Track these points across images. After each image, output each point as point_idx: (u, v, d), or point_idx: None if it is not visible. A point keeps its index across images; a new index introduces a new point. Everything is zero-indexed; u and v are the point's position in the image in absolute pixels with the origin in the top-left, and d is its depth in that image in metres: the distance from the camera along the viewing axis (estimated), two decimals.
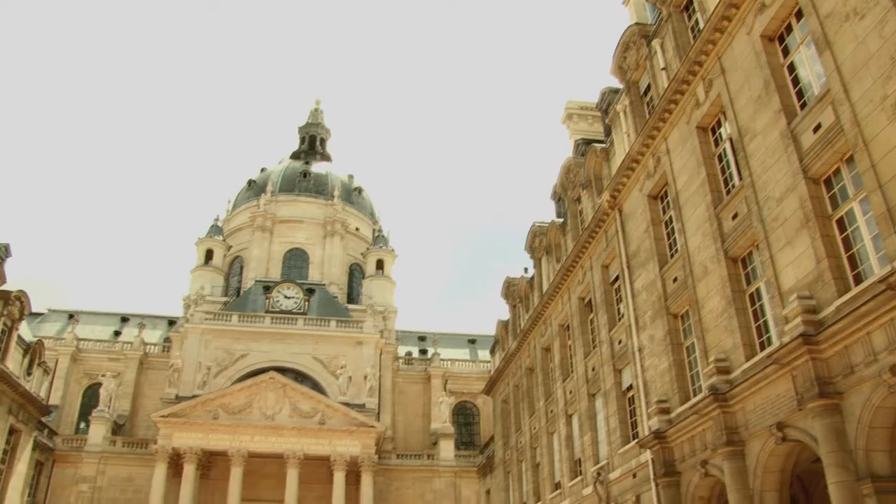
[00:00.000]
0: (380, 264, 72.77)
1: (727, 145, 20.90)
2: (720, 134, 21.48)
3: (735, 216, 19.85)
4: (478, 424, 67.15)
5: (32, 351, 41.02)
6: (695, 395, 21.55)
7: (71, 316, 68.58)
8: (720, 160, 21.43)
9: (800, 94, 17.60)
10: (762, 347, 18.45)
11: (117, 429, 58.20)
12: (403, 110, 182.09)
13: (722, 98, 20.51)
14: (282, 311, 63.02)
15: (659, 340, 23.93)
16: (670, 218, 24.29)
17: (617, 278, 28.84)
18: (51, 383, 50.78)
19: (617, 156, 28.75)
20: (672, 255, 23.96)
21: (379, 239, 75.45)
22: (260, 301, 64.24)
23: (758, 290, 19.17)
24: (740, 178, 19.75)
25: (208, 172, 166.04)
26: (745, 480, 18.00)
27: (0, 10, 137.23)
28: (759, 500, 17.57)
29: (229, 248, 73.95)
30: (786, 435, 16.57)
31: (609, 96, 31.80)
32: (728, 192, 20.66)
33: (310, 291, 65.81)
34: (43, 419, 45.22)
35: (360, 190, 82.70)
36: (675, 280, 23.29)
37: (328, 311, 64.62)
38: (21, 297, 38.13)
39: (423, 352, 71.48)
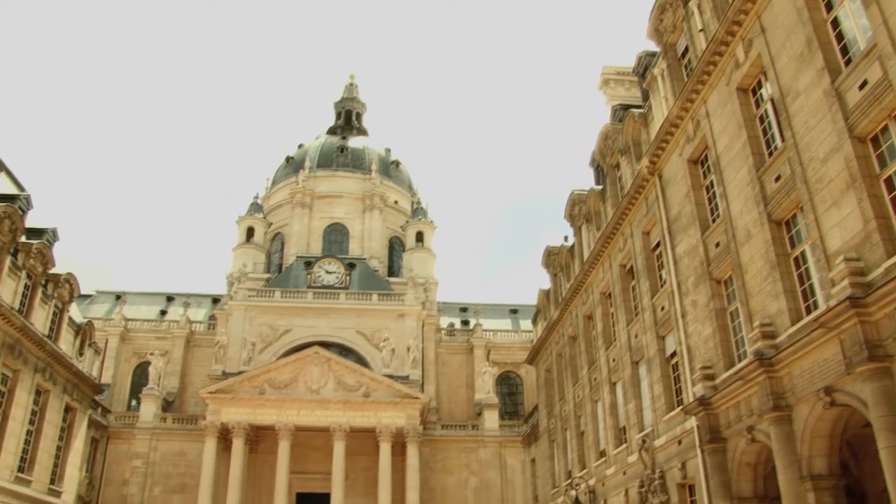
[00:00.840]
0: (419, 237, 72.77)
1: (768, 106, 20.42)
2: (761, 95, 20.98)
3: (778, 178, 19.43)
4: (521, 394, 67.32)
5: (83, 332, 42.02)
6: (739, 360, 21.33)
7: (118, 297, 69.93)
8: (761, 122, 20.97)
9: (844, 51, 17.05)
10: (808, 311, 18.14)
11: (167, 406, 59.66)
12: (438, 82, 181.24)
13: (762, 58, 19.98)
14: (324, 286, 63.67)
15: (702, 306, 23.67)
16: (711, 182, 23.87)
17: (658, 244, 28.53)
18: (101, 363, 51.91)
19: (655, 120, 28.29)
20: (714, 220, 23.60)
21: (418, 211, 75.41)
22: (302, 277, 64.91)
23: (802, 253, 18.80)
24: (783, 140, 19.30)
25: (248, 151, 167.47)
26: (793, 446, 17.80)
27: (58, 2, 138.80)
28: (807, 465, 17.37)
29: (270, 225, 74.61)
30: (834, 399, 16.32)
31: (646, 60, 31.21)
32: (770, 154, 20.20)
33: (351, 266, 66.29)
34: (96, 398, 46.41)
35: (397, 163, 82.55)
36: (717, 245, 22.96)
37: (369, 284, 65.12)
38: (70, 280, 39.00)
39: (465, 323, 71.63)
